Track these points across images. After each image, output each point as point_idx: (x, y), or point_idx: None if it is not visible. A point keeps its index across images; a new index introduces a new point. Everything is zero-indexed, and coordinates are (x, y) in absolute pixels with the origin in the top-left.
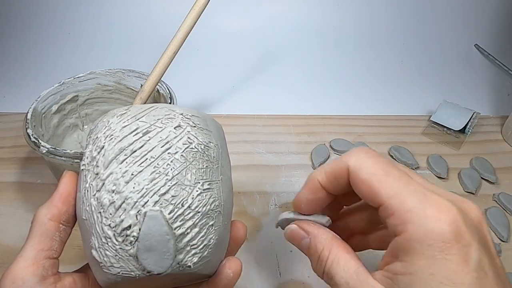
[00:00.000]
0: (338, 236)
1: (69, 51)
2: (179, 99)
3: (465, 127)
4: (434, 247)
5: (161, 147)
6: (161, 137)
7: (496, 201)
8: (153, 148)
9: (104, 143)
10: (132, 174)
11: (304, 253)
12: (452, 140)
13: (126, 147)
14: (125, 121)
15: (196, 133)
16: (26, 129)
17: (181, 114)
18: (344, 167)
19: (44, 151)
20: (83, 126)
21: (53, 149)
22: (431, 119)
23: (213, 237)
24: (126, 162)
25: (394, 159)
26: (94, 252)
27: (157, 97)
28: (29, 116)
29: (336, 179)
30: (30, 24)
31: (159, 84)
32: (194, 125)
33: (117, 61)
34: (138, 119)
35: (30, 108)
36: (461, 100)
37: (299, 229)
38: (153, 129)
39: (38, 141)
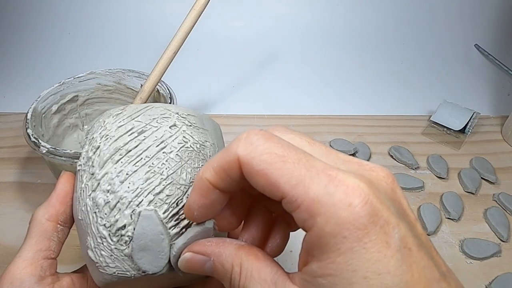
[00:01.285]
0: (243, 242)
1: (69, 51)
2: (179, 99)
3: (465, 127)
4: (350, 239)
5: (156, 146)
6: (156, 137)
7: (496, 201)
8: (148, 148)
9: (100, 143)
10: (127, 174)
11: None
12: (452, 140)
13: (121, 146)
14: (120, 121)
15: (191, 132)
16: (26, 129)
17: (177, 113)
18: (234, 159)
19: (44, 151)
20: (83, 126)
21: (53, 149)
22: (431, 119)
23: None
24: (121, 162)
25: (394, 159)
26: (90, 252)
27: (157, 97)
28: (29, 116)
29: (227, 175)
30: (30, 24)
31: (159, 84)
32: (189, 124)
33: (117, 61)
34: (133, 119)
35: (30, 108)
36: (461, 100)
37: (195, 255)
38: (148, 128)
39: (38, 141)
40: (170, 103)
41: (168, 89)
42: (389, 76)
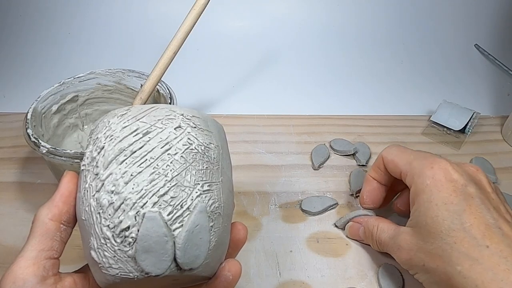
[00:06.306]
0: (381, 217)
1: (69, 51)
2: (179, 99)
3: (465, 127)
4: (430, 185)
5: (161, 148)
6: (161, 138)
7: None
8: (153, 149)
9: (104, 143)
10: (131, 175)
11: (362, 242)
12: (452, 140)
13: (126, 147)
14: (125, 122)
15: (196, 134)
16: (26, 129)
17: (182, 114)
18: (380, 158)
19: (44, 151)
20: (83, 126)
21: (53, 149)
22: (431, 119)
23: (213, 239)
24: (126, 163)
25: None
26: (93, 253)
27: (157, 97)
28: (29, 116)
29: (379, 169)
30: (30, 24)
31: (159, 84)
32: (194, 126)
33: (117, 61)
34: (138, 120)
35: (30, 108)
36: (461, 100)
37: (354, 223)
38: (153, 129)
39: (38, 141)
40: (170, 103)
41: (168, 89)
42: (389, 76)
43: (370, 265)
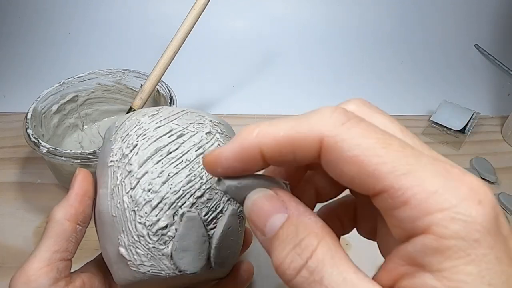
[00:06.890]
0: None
1: (69, 51)
2: (179, 99)
3: (465, 127)
4: (482, 243)
5: (196, 150)
6: (194, 141)
7: None
8: (188, 151)
9: (137, 141)
10: (168, 175)
11: (257, 235)
12: (452, 140)
13: (162, 148)
14: (157, 122)
15: (223, 140)
16: (26, 129)
17: (210, 120)
18: (314, 137)
19: (44, 151)
20: (83, 126)
21: (53, 149)
22: (431, 119)
23: (238, 241)
24: (162, 163)
25: None
26: (122, 250)
27: (157, 97)
28: (29, 116)
29: (293, 152)
30: (30, 24)
31: (159, 84)
32: (221, 132)
33: (117, 61)
34: (171, 121)
35: (30, 108)
36: (461, 100)
37: (277, 198)
38: (186, 132)
39: (38, 141)
40: (170, 103)
41: (168, 89)
42: (389, 76)
43: (370, 265)
